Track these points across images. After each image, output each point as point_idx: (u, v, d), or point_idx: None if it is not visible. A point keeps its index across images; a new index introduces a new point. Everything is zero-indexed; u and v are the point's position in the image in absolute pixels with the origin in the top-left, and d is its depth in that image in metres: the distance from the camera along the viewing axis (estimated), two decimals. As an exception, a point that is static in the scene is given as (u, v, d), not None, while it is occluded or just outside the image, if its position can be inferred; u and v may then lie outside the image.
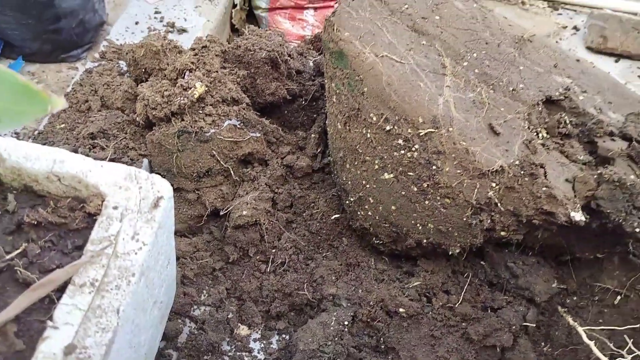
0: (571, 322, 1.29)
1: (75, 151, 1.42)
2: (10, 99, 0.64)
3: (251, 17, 2.47)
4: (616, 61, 2.48)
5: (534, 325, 1.32)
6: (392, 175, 1.33)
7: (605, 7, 2.69)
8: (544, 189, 1.17)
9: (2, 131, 1.42)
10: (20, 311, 0.77)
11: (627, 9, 2.71)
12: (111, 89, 1.60)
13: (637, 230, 1.18)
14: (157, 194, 0.93)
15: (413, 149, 1.25)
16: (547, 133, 1.26)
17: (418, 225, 1.34)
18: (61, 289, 0.81)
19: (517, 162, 1.19)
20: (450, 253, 1.34)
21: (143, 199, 0.92)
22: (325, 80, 1.49)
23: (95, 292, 0.80)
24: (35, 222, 0.87)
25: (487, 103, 1.24)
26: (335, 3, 1.54)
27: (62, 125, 1.55)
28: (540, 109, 1.27)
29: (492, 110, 1.24)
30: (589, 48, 2.53)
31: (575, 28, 2.66)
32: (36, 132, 1.54)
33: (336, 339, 1.33)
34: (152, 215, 0.90)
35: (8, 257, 0.83)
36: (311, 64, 1.82)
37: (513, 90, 1.28)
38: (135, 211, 0.90)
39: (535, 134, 1.25)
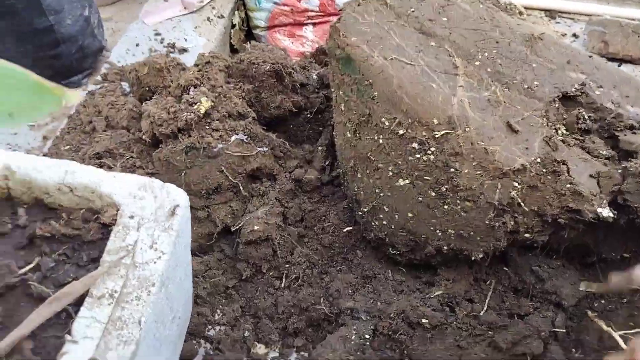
0: (604, 327, 1.23)
1: (81, 171, 1.38)
2: (24, 97, 0.62)
3: (250, 37, 2.47)
4: (619, 66, 2.48)
5: (564, 330, 1.27)
6: (407, 181, 1.29)
7: (604, 14, 2.70)
8: (568, 185, 1.14)
9: (15, 126, 1.40)
10: (36, 327, 0.73)
11: (625, 15, 2.72)
12: (115, 108, 1.57)
13: (667, 224, 1.14)
14: (173, 202, 0.89)
15: (429, 152, 1.22)
16: (567, 129, 1.23)
17: (437, 231, 1.30)
18: (78, 302, 0.76)
19: (538, 160, 1.15)
20: (472, 259, 1.30)
21: (159, 207, 0.88)
22: (332, 89, 1.47)
23: (115, 304, 0.75)
24: (48, 235, 0.83)
25: (502, 101, 1.22)
26: (335, 17, 1.53)
27: (67, 147, 1.52)
28: (557, 105, 1.24)
29: (508, 108, 1.22)
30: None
31: (575, 35, 2.66)
32: (40, 155, 1.50)
33: (358, 353, 1.28)
34: (170, 223, 0.87)
35: (21, 272, 0.79)
36: (314, 76, 1.80)
37: (528, 87, 1.25)
38: (152, 220, 0.86)
39: (554, 130, 1.22)
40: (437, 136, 1.20)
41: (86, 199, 0.88)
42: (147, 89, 1.59)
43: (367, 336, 1.30)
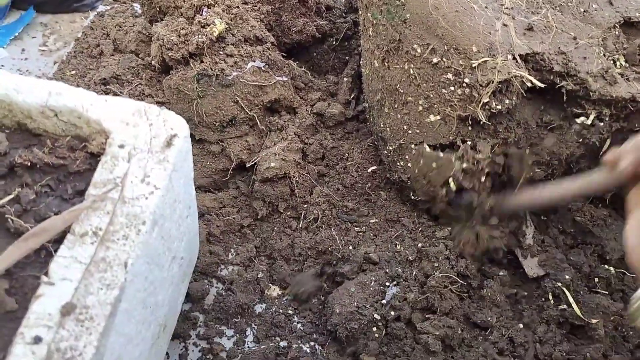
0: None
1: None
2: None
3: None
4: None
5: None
6: (439, 117, 1.16)
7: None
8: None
9: None
10: (12, 265, 0.65)
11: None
12: (124, 30, 1.46)
13: None
14: (170, 132, 0.79)
15: (464, 84, 1.09)
16: (626, 61, 1.08)
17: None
18: (59, 240, 0.68)
19: (591, 95, 1.01)
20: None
21: (154, 137, 0.78)
22: (360, 12, 1.32)
23: (99, 243, 0.67)
24: (30, 164, 0.74)
25: (554, 27, 1.06)
26: None
27: (73, 72, 1.42)
28: (617, 32, 1.08)
29: (560, 35, 1.06)
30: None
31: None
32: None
33: (376, 301, 1.19)
34: (165, 155, 0.76)
35: (-2, 203, 0.70)
36: (342, -1, 1.65)
37: (584, 11, 1.09)
38: (145, 150, 0.76)
39: (612, 62, 1.06)
40: (475, 66, 1.05)
41: (73, 124, 0.78)
42: (158, 9, 1.46)
43: (387, 284, 1.21)
